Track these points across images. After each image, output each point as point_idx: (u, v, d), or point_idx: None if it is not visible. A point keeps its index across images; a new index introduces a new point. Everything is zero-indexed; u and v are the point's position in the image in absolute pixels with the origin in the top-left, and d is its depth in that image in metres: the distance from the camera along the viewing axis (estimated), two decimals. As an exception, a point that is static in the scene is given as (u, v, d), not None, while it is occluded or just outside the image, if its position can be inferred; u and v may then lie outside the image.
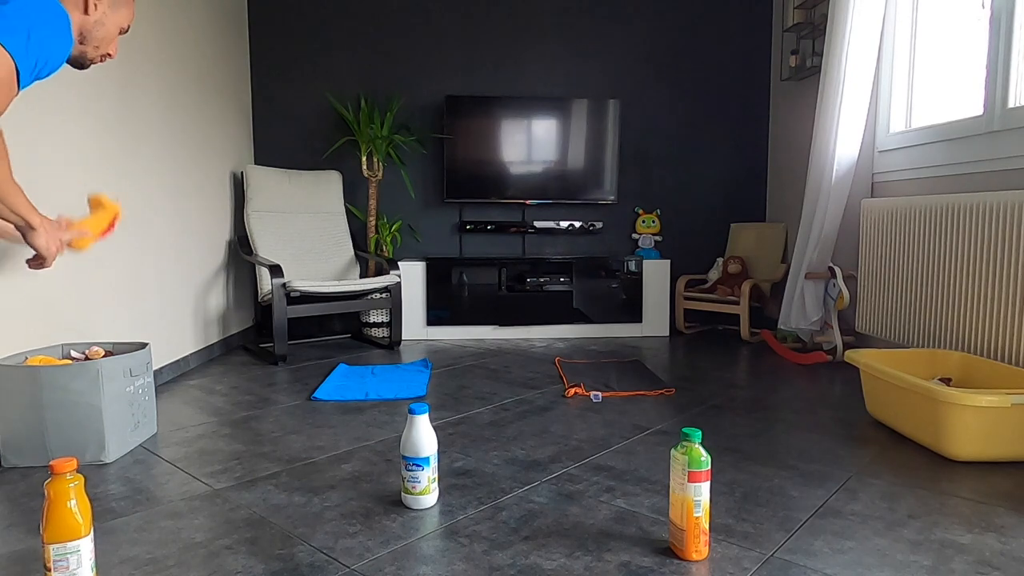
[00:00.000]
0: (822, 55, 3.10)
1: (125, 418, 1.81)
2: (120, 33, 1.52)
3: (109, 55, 1.51)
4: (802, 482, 1.60)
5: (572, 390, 2.42)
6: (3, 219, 1.42)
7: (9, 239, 1.57)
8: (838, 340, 2.93)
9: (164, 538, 1.31)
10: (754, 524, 1.37)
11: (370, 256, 3.62)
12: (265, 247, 3.30)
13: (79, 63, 1.49)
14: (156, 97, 2.59)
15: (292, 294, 2.99)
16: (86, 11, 1.43)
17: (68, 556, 1.06)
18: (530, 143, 3.76)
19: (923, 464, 1.72)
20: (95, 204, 1.73)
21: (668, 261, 3.74)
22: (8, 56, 1.21)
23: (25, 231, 1.45)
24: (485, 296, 3.62)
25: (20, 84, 1.28)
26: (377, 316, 3.55)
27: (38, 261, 1.52)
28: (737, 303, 3.51)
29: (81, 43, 1.46)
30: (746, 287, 3.45)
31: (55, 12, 1.34)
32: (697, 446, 1.20)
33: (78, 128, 2.08)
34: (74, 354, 1.89)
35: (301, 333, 3.60)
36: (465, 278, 3.61)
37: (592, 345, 3.45)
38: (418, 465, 1.43)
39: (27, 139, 1.84)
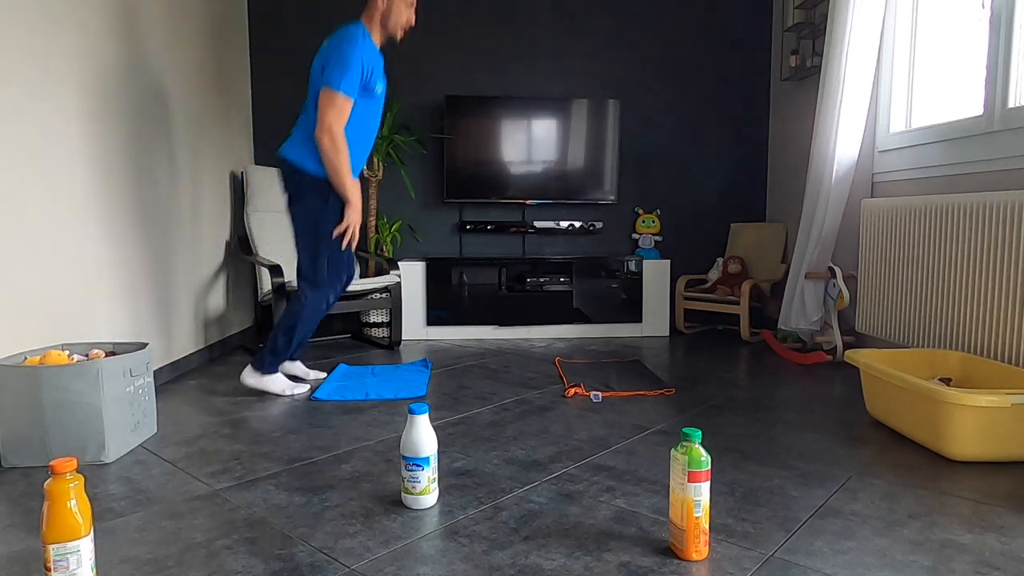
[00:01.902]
0: (822, 55, 3.10)
1: (125, 418, 1.81)
2: (408, 6, 2.32)
3: (409, 23, 2.35)
4: (802, 482, 1.60)
5: (572, 390, 2.42)
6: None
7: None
8: (838, 340, 2.93)
9: (164, 538, 1.31)
10: (754, 524, 1.37)
11: (370, 256, 3.62)
12: (265, 247, 3.30)
13: (392, 39, 2.36)
14: (155, 97, 2.59)
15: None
16: (378, 6, 2.28)
17: (68, 556, 1.06)
18: (530, 143, 3.76)
19: (923, 464, 1.72)
20: None
21: (668, 261, 3.74)
22: (342, 95, 2.18)
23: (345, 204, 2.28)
24: (485, 296, 3.62)
25: (356, 99, 2.22)
26: (377, 316, 3.55)
27: (343, 228, 2.28)
28: (737, 303, 3.51)
29: (384, 27, 2.31)
30: (746, 287, 3.45)
31: (352, 43, 2.18)
32: (697, 446, 1.20)
33: (78, 128, 2.08)
34: (76, 357, 1.89)
35: (301, 333, 3.59)
36: (465, 278, 3.61)
37: (592, 345, 3.45)
38: (418, 465, 1.43)
39: (27, 140, 1.84)
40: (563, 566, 1.20)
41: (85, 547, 1.08)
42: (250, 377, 2.38)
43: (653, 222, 3.95)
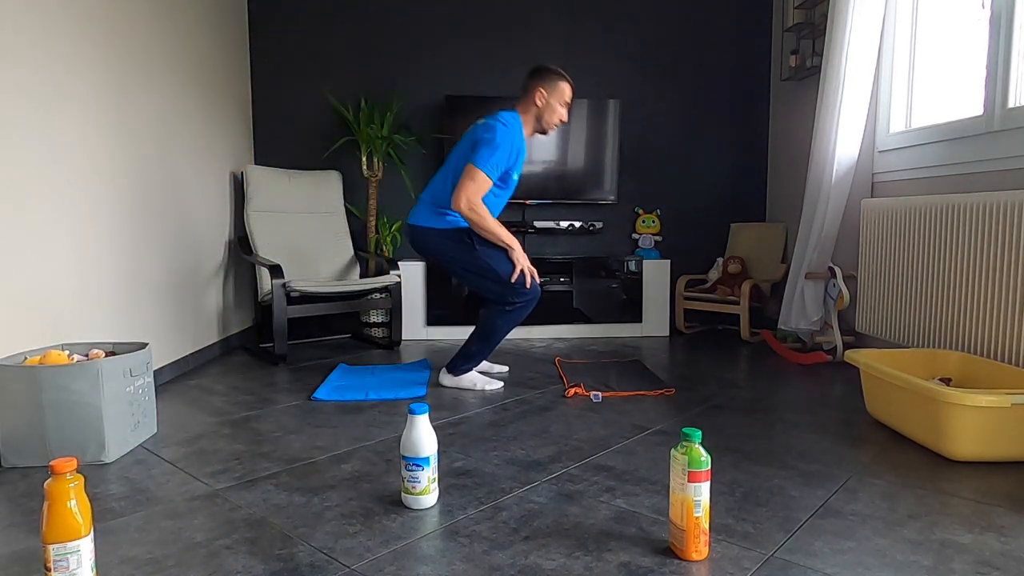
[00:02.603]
0: (822, 55, 3.10)
1: (125, 418, 1.81)
2: (563, 105, 2.51)
3: (561, 120, 2.53)
4: (802, 482, 1.60)
5: (572, 390, 2.42)
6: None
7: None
8: (838, 340, 2.93)
9: (164, 538, 1.31)
10: (754, 524, 1.37)
11: (370, 256, 3.62)
12: (265, 247, 3.30)
13: (543, 132, 2.56)
14: (156, 97, 2.59)
15: (292, 294, 2.99)
16: (535, 103, 2.48)
17: (68, 556, 1.06)
18: (530, 143, 3.75)
19: (923, 464, 1.72)
20: None
21: (668, 261, 3.74)
22: (483, 174, 2.34)
23: (508, 251, 2.43)
24: (485, 296, 3.61)
25: (494, 180, 2.39)
26: (377, 316, 3.55)
27: (519, 271, 2.41)
28: (737, 303, 3.51)
29: (538, 123, 2.51)
30: (746, 287, 3.45)
31: (506, 131, 2.37)
32: (697, 446, 1.20)
33: (77, 128, 2.08)
34: (76, 357, 1.89)
35: (301, 333, 3.60)
36: (465, 278, 3.60)
37: (592, 345, 3.45)
38: (418, 465, 1.43)
39: (29, 140, 1.84)
40: (563, 566, 1.20)
41: (85, 547, 1.08)
42: (445, 379, 2.54)
43: (653, 222, 3.94)
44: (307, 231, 3.50)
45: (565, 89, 2.49)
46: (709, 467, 1.20)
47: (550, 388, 2.52)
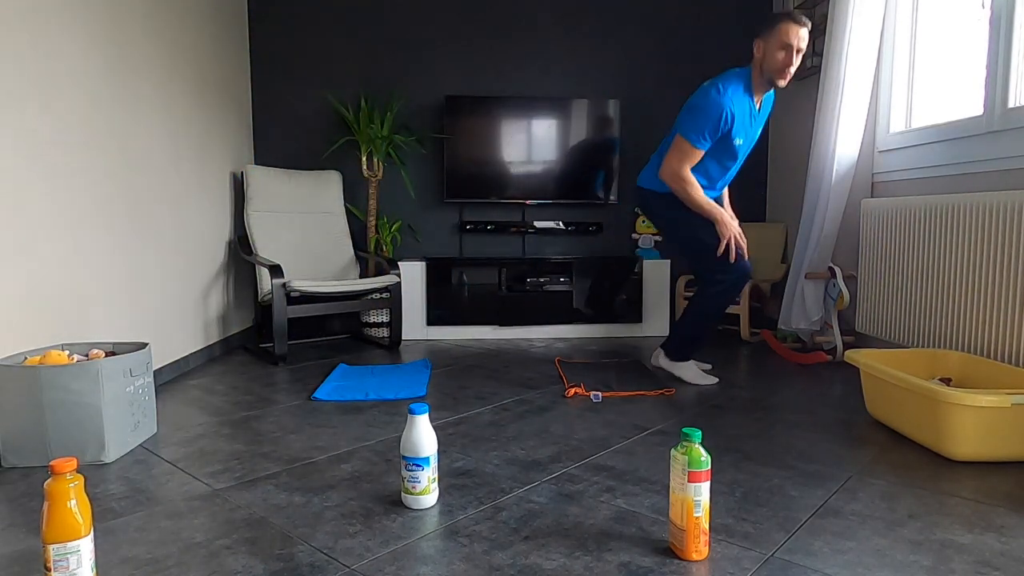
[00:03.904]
0: (822, 55, 3.10)
1: (125, 418, 1.81)
2: (782, 49, 2.28)
3: (786, 67, 2.31)
4: (802, 482, 1.60)
5: (572, 390, 2.42)
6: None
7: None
8: (838, 340, 2.93)
9: (164, 538, 1.31)
10: (754, 524, 1.37)
11: (370, 256, 3.62)
12: (265, 247, 3.30)
13: (773, 86, 2.39)
14: (156, 97, 2.59)
15: (292, 294, 2.99)
16: (755, 55, 2.37)
17: (68, 556, 1.06)
18: (530, 143, 3.76)
19: (923, 464, 1.72)
20: None
21: (668, 261, 3.74)
22: (688, 144, 2.35)
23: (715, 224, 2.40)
24: (485, 296, 3.62)
25: (710, 146, 2.37)
26: (377, 316, 3.55)
27: (724, 243, 2.37)
28: (737, 303, 3.50)
29: (762, 75, 2.36)
30: (746, 287, 3.45)
31: (705, 96, 2.34)
32: (697, 446, 1.20)
33: (77, 128, 2.08)
34: (76, 357, 1.89)
35: (301, 333, 3.60)
36: (465, 278, 3.61)
37: (592, 345, 3.45)
38: (418, 465, 1.43)
39: (28, 141, 1.84)
40: (563, 566, 1.20)
41: (85, 547, 1.08)
42: (663, 361, 2.60)
43: (653, 222, 3.94)
44: (307, 231, 3.50)
45: (784, 31, 2.25)
46: (709, 467, 1.20)
47: (550, 388, 2.52)
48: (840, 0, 2.85)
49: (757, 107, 2.45)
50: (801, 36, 2.25)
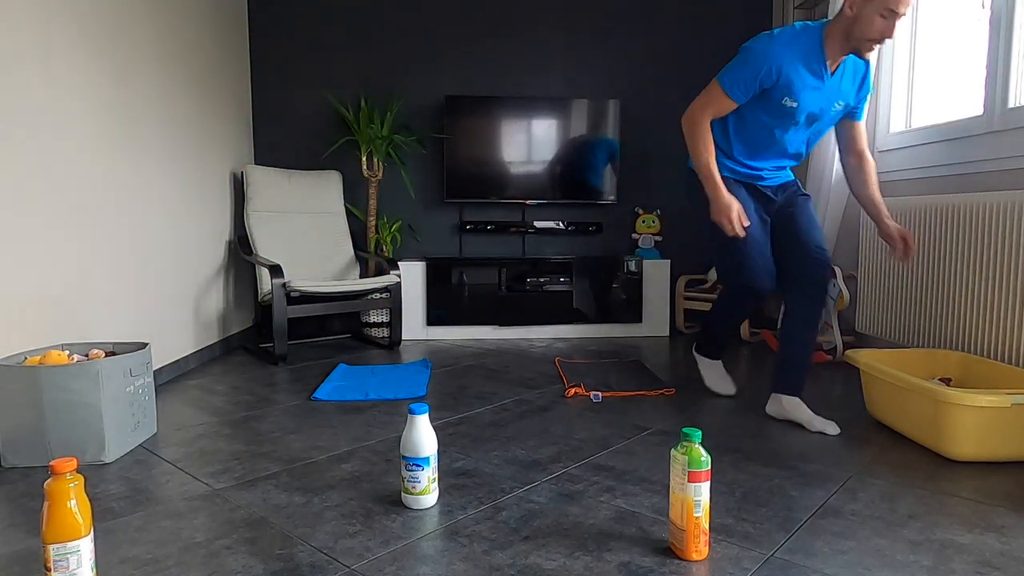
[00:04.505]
0: (822, 55, 3.09)
1: (125, 418, 1.81)
2: (884, 15, 1.81)
3: (882, 37, 1.84)
4: (802, 482, 1.60)
5: (572, 390, 2.42)
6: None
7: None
8: (838, 340, 2.93)
9: (164, 538, 1.31)
10: (754, 524, 1.37)
11: (370, 256, 3.62)
12: (265, 247, 3.30)
13: (857, 53, 1.91)
14: (155, 97, 2.59)
15: (292, 294, 2.99)
16: (845, 13, 1.87)
17: (68, 556, 1.06)
18: (530, 143, 3.76)
19: (923, 464, 1.72)
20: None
21: (668, 261, 3.74)
22: (719, 88, 2.00)
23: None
24: (485, 296, 3.62)
25: (749, 103, 2.01)
26: (377, 316, 3.55)
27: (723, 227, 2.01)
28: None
29: (847, 38, 1.89)
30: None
31: (756, 42, 1.94)
32: (697, 446, 1.20)
33: (77, 128, 2.08)
34: (76, 357, 1.89)
35: (301, 333, 3.60)
36: (465, 278, 3.61)
37: (592, 345, 3.45)
38: (418, 465, 1.43)
39: (28, 141, 1.84)
40: (563, 566, 1.20)
41: (85, 547, 1.08)
42: (696, 351, 2.47)
43: (653, 222, 3.94)
44: (307, 231, 3.50)
45: None
46: (709, 467, 1.20)
47: (550, 388, 2.52)
48: (840, 0, 2.85)
49: (830, 70, 1.96)
50: (911, 2, 1.83)
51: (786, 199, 2.17)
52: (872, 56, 1.96)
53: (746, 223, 1.99)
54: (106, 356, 1.87)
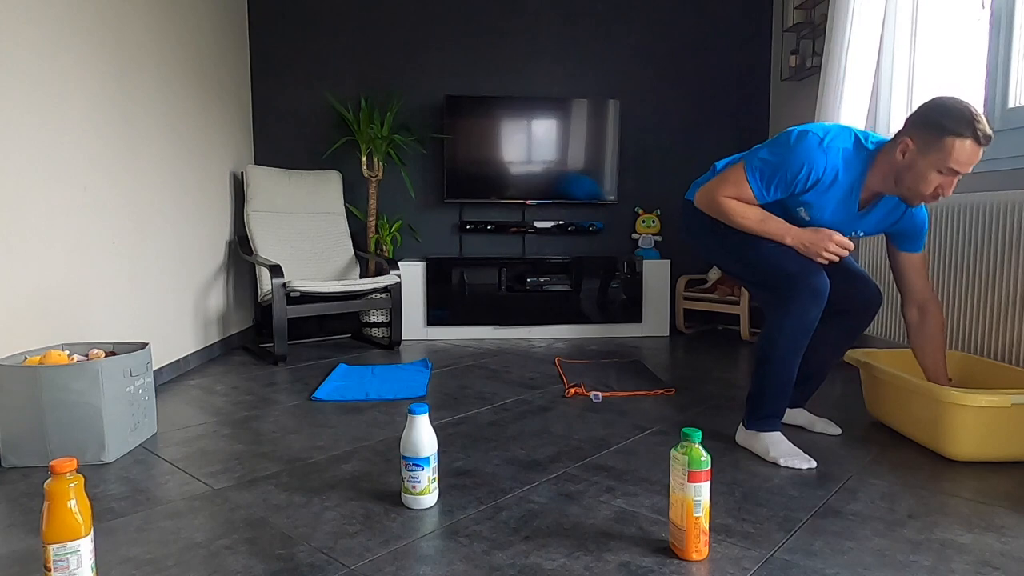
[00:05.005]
0: (822, 55, 3.10)
1: (125, 418, 1.81)
2: (943, 172, 1.55)
3: (937, 194, 1.59)
4: (802, 482, 1.60)
5: (572, 390, 2.42)
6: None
7: None
8: (838, 340, 2.93)
9: (164, 538, 1.31)
10: (754, 524, 1.37)
11: (370, 256, 3.62)
12: (265, 247, 3.30)
13: (904, 199, 1.66)
14: (156, 97, 2.59)
15: (292, 294, 2.99)
16: (897, 158, 1.61)
17: (68, 556, 1.06)
18: (530, 143, 3.76)
19: (923, 464, 1.72)
20: None
21: (668, 261, 3.74)
22: (747, 182, 1.70)
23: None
24: (485, 296, 3.62)
25: (760, 198, 1.72)
26: (377, 316, 3.55)
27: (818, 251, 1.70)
28: (737, 303, 3.51)
29: (895, 183, 1.63)
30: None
31: (799, 144, 1.64)
32: (697, 446, 1.20)
33: (77, 128, 2.08)
34: (76, 357, 1.89)
35: (301, 333, 3.60)
36: (465, 278, 3.61)
37: (592, 345, 3.45)
38: (418, 465, 1.43)
39: (29, 141, 1.84)
40: (563, 566, 1.20)
41: (85, 547, 1.08)
42: (739, 435, 1.87)
43: (653, 222, 3.94)
44: (307, 231, 3.50)
45: (959, 149, 1.51)
46: (709, 467, 1.20)
47: (550, 388, 2.52)
48: (840, 0, 2.85)
49: (860, 204, 1.72)
50: (976, 160, 1.54)
51: None
52: (914, 205, 1.67)
53: (849, 247, 1.69)
54: (106, 356, 1.87)
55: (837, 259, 1.69)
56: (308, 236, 3.49)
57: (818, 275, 1.68)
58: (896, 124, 2.90)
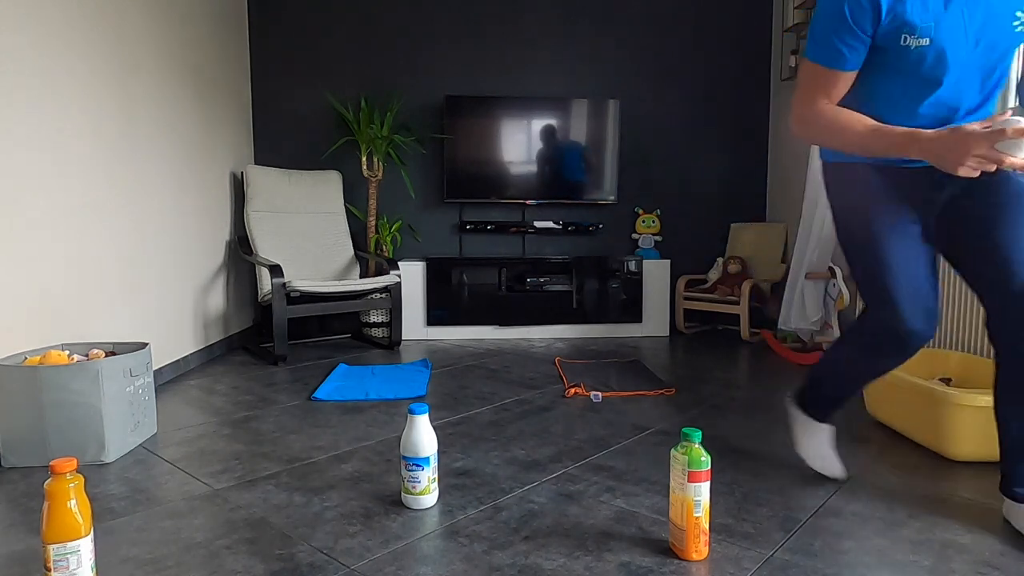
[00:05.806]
0: (822, 55, 3.10)
1: (125, 418, 1.81)
2: None
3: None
4: (802, 482, 1.60)
5: (572, 390, 2.42)
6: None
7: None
8: (838, 340, 2.93)
9: (164, 538, 1.31)
10: (754, 524, 1.37)
11: (370, 256, 3.62)
12: (265, 247, 3.30)
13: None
14: (156, 97, 2.59)
15: (292, 294, 2.99)
16: None
17: (68, 556, 1.06)
18: (530, 143, 3.76)
19: (923, 464, 1.72)
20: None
21: (668, 261, 3.74)
22: (808, 63, 1.33)
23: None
24: (485, 296, 3.62)
25: (840, 66, 1.29)
26: (377, 316, 3.55)
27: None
28: (737, 303, 3.51)
29: None
30: (746, 287, 3.45)
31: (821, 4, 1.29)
32: (697, 446, 1.20)
33: (78, 128, 2.08)
34: (76, 357, 1.88)
35: (301, 333, 3.60)
36: (465, 278, 3.61)
37: (592, 345, 3.45)
38: (418, 465, 1.43)
39: (28, 141, 1.84)
40: (563, 566, 1.20)
41: (85, 547, 1.08)
42: (788, 402, 1.69)
43: (653, 222, 3.94)
44: (307, 231, 3.50)
45: None
46: (709, 467, 1.20)
47: (550, 388, 2.52)
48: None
49: None
50: None
51: (969, 187, 1.33)
52: None
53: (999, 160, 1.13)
54: (106, 356, 1.87)
55: (979, 173, 1.16)
56: (308, 236, 3.49)
57: (913, 317, 1.34)
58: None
